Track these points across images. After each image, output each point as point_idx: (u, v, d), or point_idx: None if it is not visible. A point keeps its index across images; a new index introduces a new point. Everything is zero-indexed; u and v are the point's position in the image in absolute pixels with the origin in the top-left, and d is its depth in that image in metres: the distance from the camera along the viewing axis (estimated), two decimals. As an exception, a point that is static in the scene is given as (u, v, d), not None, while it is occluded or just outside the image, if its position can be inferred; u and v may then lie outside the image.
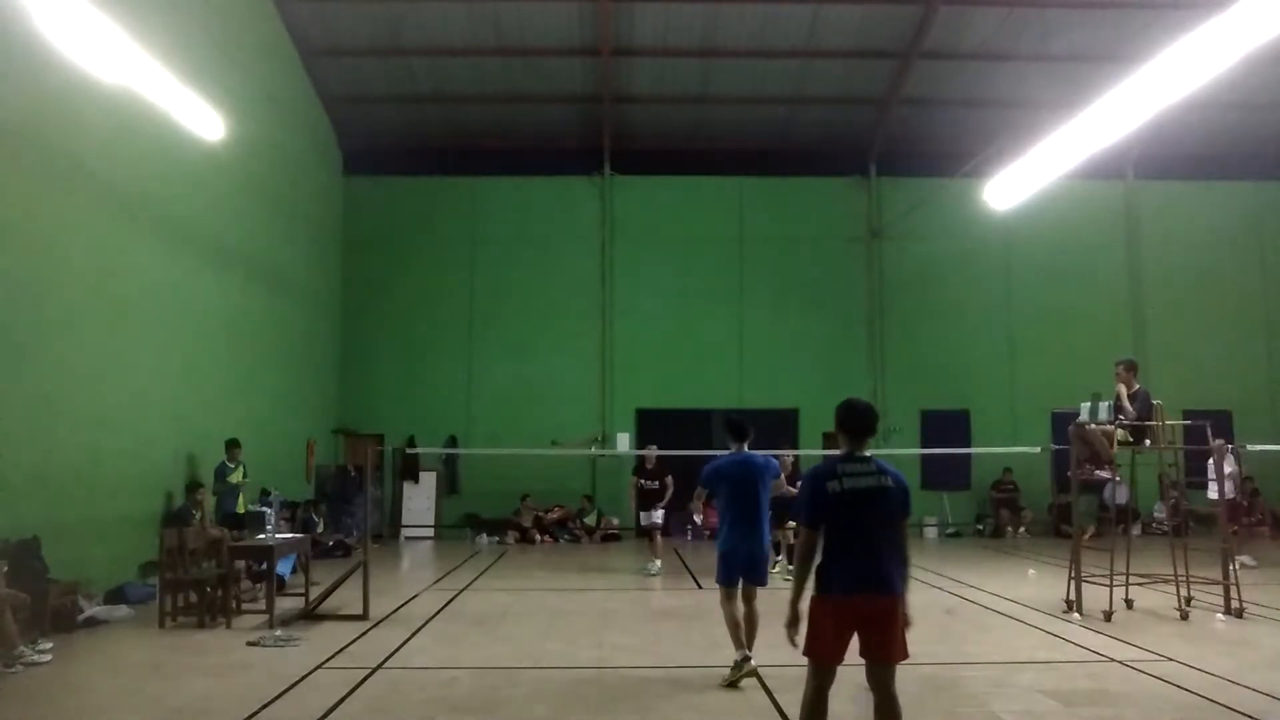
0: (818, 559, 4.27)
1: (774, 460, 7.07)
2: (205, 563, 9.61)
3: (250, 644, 7.78)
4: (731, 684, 6.27)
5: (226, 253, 13.41)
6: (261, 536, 9.73)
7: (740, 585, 6.61)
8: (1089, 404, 9.25)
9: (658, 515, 12.86)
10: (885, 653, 4.17)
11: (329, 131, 18.67)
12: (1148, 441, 9.36)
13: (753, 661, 6.33)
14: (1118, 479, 9.87)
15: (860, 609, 4.16)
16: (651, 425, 18.61)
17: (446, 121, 19.06)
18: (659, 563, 12.67)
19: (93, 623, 8.67)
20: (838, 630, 4.19)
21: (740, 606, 6.60)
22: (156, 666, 7.09)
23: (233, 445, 12.21)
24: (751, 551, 6.56)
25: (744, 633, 6.48)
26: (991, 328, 19.42)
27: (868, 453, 4.37)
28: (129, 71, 8.54)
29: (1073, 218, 19.06)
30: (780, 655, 6.46)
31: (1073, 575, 9.17)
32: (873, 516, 4.22)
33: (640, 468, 13.24)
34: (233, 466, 12.10)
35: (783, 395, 18.96)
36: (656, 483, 12.94)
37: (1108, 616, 8.71)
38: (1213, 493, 11.73)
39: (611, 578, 12.53)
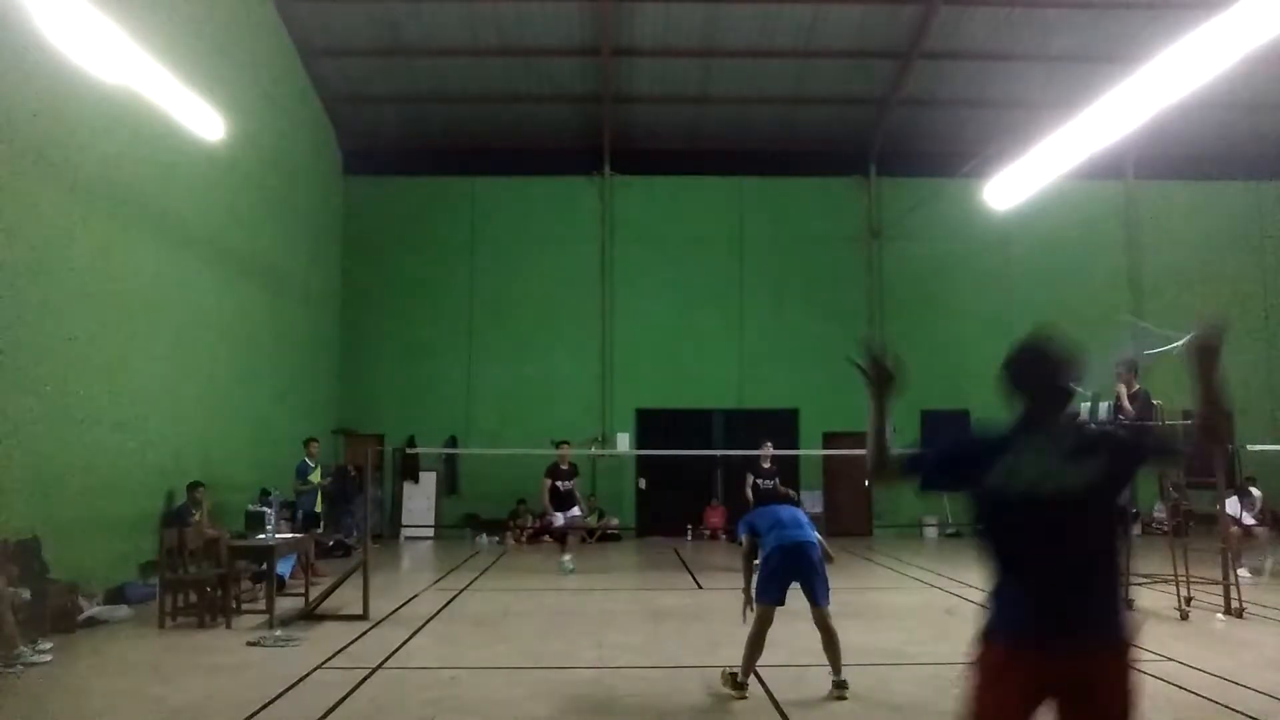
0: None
1: None
2: (204, 562, 9.61)
3: (250, 644, 7.77)
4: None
5: (226, 253, 13.40)
6: (261, 536, 9.73)
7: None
8: (1089, 404, 9.25)
9: (573, 514, 13.10)
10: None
11: (329, 131, 18.66)
12: (1148, 441, 9.33)
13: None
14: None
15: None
16: (651, 425, 18.63)
17: (446, 121, 19.04)
18: (570, 558, 12.70)
19: (93, 623, 8.66)
20: None
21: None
22: (156, 666, 7.08)
23: (312, 442, 12.04)
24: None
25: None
26: (991, 328, 19.33)
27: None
28: (129, 71, 8.55)
29: (1072, 218, 19.03)
30: (778, 655, 6.50)
31: (1073, 575, 9.13)
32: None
33: (555, 468, 13.03)
34: (313, 465, 11.98)
35: (783, 395, 18.96)
36: (572, 483, 13.06)
37: (1108, 616, 8.68)
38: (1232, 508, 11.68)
39: (611, 578, 12.53)
